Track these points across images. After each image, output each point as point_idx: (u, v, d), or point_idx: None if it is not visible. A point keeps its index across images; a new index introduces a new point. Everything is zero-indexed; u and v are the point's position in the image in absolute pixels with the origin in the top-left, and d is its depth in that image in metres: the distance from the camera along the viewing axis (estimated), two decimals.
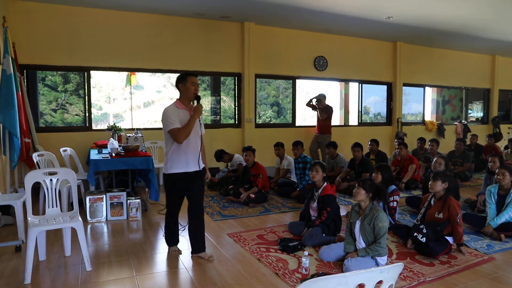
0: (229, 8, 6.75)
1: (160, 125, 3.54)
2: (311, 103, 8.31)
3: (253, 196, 5.72)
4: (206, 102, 8.63)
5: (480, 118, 12.52)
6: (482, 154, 8.84)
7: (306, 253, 3.42)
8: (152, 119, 11.76)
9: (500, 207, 4.41)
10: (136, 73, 7.41)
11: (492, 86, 12.00)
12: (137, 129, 6.73)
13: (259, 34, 7.92)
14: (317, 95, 8.27)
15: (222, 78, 8.59)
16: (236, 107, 8.13)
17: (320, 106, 8.13)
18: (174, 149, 3.45)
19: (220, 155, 6.82)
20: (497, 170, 4.57)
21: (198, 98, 3.50)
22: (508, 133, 11.89)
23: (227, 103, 9.21)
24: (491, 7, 6.79)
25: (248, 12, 7.00)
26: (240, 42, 7.78)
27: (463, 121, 11.67)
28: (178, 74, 3.56)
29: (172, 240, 3.82)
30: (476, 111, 12.86)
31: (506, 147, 9.02)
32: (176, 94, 3.62)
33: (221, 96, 9.19)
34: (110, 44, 6.76)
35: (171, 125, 3.37)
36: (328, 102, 8.31)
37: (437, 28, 8.19)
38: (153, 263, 3.64)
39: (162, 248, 4.02)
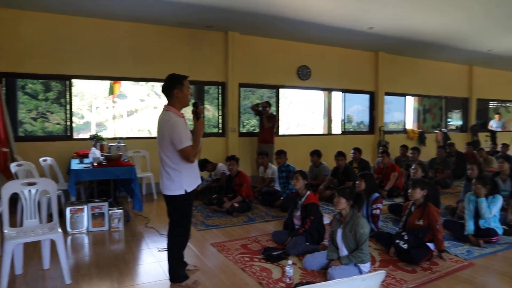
0: (212, 18, 6.78)
1: (144, 134, 3.42)
2: (256, 108, 7.85)
3: (237, 205, 5.71)
4: (190, 111, 8.59)
5: (459, 127, 12.80)
6: (463, 162, 9.00)
7: (290, 262, 3.42)
8: (135, 128, 11.66)
9: (478, 214, 4.50)
10: (120, 81, 7.35)
11: (470, 96, 12.31)
12: (120, 138, 6.66)
13: (243, 43, 7.97)
14: (263, 101, 8.00)
15: (206, 87, 8.59)
16: (220, 116, 8.13)
17: (265, 113, 7.74)
18: (187, 163, 3.12)
19: (204, 164, 6.78)
20: (473, 181, 4.66)
21: (197, 105, 3.19)
22: (486, 141, 12.17)
23: (211, 112, 9.20)
24: (468, 19, 6.99)
25: (231, 21, 7.04)
26: (224, 51, 7.81)
27: (443, 129, 11.90)
28: (162, 83, 3.23)
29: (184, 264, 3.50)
30: (455, 120, 13.15)
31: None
32: (159, 102, 3.52)
33: (205, 105, 9.17)
34: (92, 53, 6.69)
35: (186, 142, 3.01)
36: (312, 111, 8.34)
37: (416, 39, 8.38)
38: (135, 275, 3.58)
39: (145, 259, 3.97)
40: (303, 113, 13.02)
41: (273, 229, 4.81)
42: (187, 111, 3.40)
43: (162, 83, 3.22)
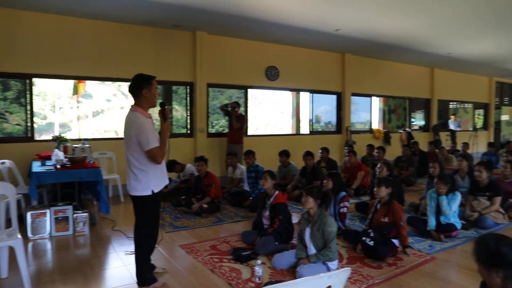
0: (180, 17, 6.70)
1: (111, 135, 3.32)
2: (225, 108, 7.78)
3: (206, 206, 5.67)
4: (157, 111, 8.45)
5: (422, 126, 13.27)
6: (425, 160, 9.33)
7: (259, 261, 3.44)
8: (101, 129, 11.34)
9: (440, 210, 4.69)
10: (84, 81, 7.13)
11: (431, 97, 12.79)
12: (85, 139, 6.46)
13: (211, 43, 7.92)
14: (232, 102, 7.99)
15: (174, 87, 8.48)
16: (188, 117, 8.05)
17: (234, 114, 7.71)
18: (154, 164, 3.08)
19: (172, 165, 6.70)
20: (435, 180, 4.85)
21: (164, 105, 3.16)
22: (446, 140, 12.67)
23: (180, 112, 9.10)
24: (430, 24, 7.26)
25: (199, 21, 6.99)
26: (192, 51, 7.73)
27: (407, 129, 12.29)
28: (129, 83, 3.17)
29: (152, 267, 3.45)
30: (418, 120, 13.62)
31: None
32: (126, 102, 3.43)
33: (174, 106, 9.07)
34: (55, 51, 6.45)
35: (153, 143, 2.97)
36: (281, 111, 8.39)
37: (382, 41, 8.62)
38: (101, 280, 3.49)
39: (111, 263, 3.87)
40: (272, 113, 13.13)
41: (242, 230, 4.81)
42: (154, 112, 3.35)
43: (129, 83, 3.16)
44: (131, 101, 3.21)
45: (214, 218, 5.57)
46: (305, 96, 10.09)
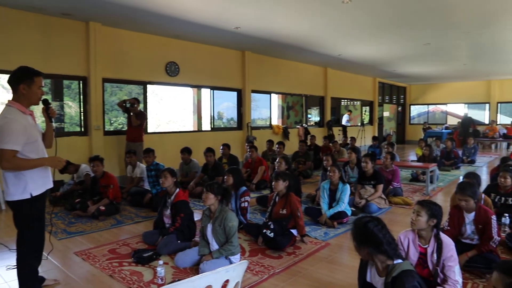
0: (69, 4, 6.16)
1: None
2: (123, 105, 7.42)
3: (103, 208, 5.36)
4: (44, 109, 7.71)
5: (317, 122, 14.21)
6: (319, 154, 10.03)
7: (161, 262, 3.38)
8: None
9: (332, 200, 5.10)
10: None
11: (325, 94, 13.76)
12: None
13: (107, 36, 7.46)
14: (131, 98, 7.62)
15: (67, 82, 7.80)
16: (82, 114, 7.49)
17: (133, 110, 7.37)
18: None
19: (64, 166, 6.16)
20: (328, 168, 5.27)
21: (47, 103, 2.93)
22: (339, 134, 13.77)
23: (74, 109, 8.41)
24: (323, 26, 7.78)
25: (92, 11, 6.51)
26: (85, 43, 7.18)
27: (304, 124, 13.06)
28: (9, 75, 2.85)
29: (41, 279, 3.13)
30: (314, 116, 14.57)
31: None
32: (5, 97, 3.06)
33: (66, 102, 8.36)
34: None
35: (8, 144, 2.59)
36: (182, 108, 8.27)
37: (280, 40, 8.99)
38: None
39: None
40: (174, 110, 12.88)
41: (144, 230, 4.65)
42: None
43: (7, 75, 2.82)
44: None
45: (113, 220, 5.30)
46: (206, 93, 10.10)
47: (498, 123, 16.92)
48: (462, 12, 6.73)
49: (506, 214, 4.41)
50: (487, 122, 17.46)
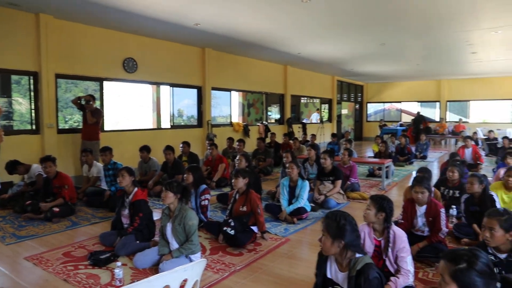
0: None
1: None
2: (78, 102, 7.15)
3: (57, 209, 5.13)
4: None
5: (277, 119, 14.35)
6: (279, 151, 10.14)
7: (119, 263, 3.29)
8: None
9: (291, 196, 5.17)
10: None
11: (285, 92, 13.91)
12: None
13: (60, 29, 7.13)
14: (86, 95, 7.33)
15: (16, 77, 7.38)
16: (34, 111, 7.13)
17: (89, 108, 7.10)
18: None
19: (13, 166, 5.83)
20: (287, 165, 5.34)
21: None
22: (299, 131, 13.98)
23: (25, 106, 7.98)
24: (283, 24, 7.86)
25: (41, 2, 6.17)
26: (35, 36, 6.81)
27: (264, 122, 13.14)
28: None
29: None
30: (274, 113, 14.70)
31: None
32: None
33: (16, 98, 7.90)
34: None
35: None
36: (140, 105, 8.07)
37: (240, 38, 8.98)
38: None
39: None
40: (132, 107, 12.53)
41: (101, 231, 4.51)
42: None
43: None
44: None
45: (68, 222, 5.09)
46: (165, 90, 9.92)
47: (447, 120, 17.87)
48: (412, 15, 7.06)
49: (454, 206, 4.69)
50: (437, 119, 18.38)
